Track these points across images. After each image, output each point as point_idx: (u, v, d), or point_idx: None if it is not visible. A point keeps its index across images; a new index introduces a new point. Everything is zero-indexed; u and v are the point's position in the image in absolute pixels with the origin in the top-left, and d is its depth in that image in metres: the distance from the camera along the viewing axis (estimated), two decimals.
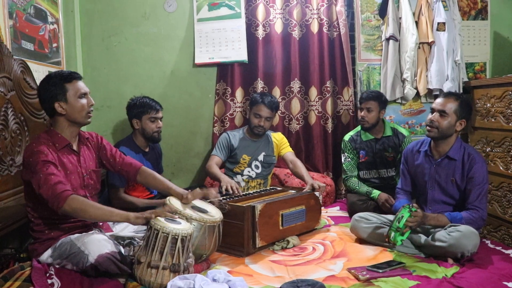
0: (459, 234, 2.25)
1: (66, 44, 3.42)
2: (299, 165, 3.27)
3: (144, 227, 2.21)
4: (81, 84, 2.17)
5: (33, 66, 2.75)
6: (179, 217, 2.08)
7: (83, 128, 2.33)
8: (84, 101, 2.16)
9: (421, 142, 2.74)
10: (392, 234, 2.32)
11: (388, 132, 3.36)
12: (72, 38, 3.60)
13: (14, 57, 2.42)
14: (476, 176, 2.46)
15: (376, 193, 3.16)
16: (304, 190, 2.95)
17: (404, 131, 3.41)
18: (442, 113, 2.51)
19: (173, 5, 3.77)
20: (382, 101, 3.33)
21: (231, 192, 2.85)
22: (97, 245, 1.97)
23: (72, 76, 2.15)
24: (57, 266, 2.01)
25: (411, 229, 2.35)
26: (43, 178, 1.95)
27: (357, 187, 3.28)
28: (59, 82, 2.11)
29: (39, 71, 2.85)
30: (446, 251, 2.26)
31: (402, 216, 2.30)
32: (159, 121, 3.12)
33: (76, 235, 2.10)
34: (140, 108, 3.07)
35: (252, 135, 3.41)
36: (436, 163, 2.59)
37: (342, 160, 3.43)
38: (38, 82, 2.21)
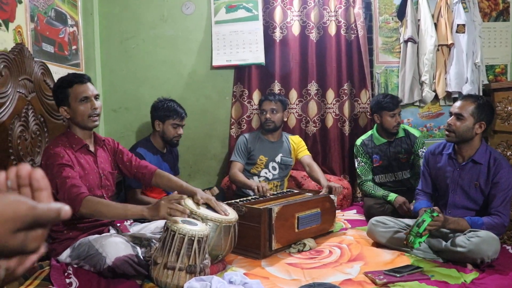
0: (479, 239, 2.21)
1: (85, 47, 3.47)
2: (316, 168, 3.26)
3: (161, 226, 2.23)
4: (82, 88, 2.14)
5: (53, 68, 2.79)
6: (194, 218, 2.09)
7: (101, 134, 2.35)
8: (85, 105, 2.14)
9: (443, 144, 2.67)
10: (411, 238, 2.29)
11: (401, 134, 3.36)
12: (91, 41, 3.64)
13: (35, 59, 2.46)
14: (502, 181, 2.40)
15: (392, 196, 3.13)
16: (321, 193, 2.93)
17: (415, 132, 3.40)
18: (459, 116, 2.46)
19: (190, 7, 3.79)
20: None
21: (262, 193, 2.87)
22: (114, 247, 1.99)
23: (73, 81, 2.14)
24: (75, 266, 2.03)
25: (430, 232, 2.32)
26: (60, 182, 1.98)
27: (372, 191, 3.25)
28: (61, 87, 2.14)
29: (59, 73, 2.89)
30: (465, 257, 2.22)
31: (424, 221, 2.26)
32: (181, 128, 3.14)
33: (95, 236, 2.12)
34: (166, 112, 3.09)
35: (268, 135, 3.42)
36: (460, 166, 2.53)
37: (356, 165, 3.42)
38: None
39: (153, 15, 3.81)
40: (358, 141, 3.44)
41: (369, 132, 3.45)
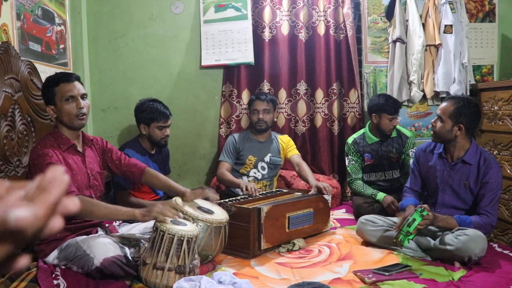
0: (467, 238, 2.23)
1: (73, 46, 3.43)
2: (305, 168, 3.27)
3: (151, 227, 2.22)
4: (68, 87, 2.11)
5: (40, 67, 2.76)
6: (185, 218, 2.09)
7: (90, 133, 2.32)
8: (70, 104, 2.11)
9: (434, 143, 2.69)
10: (401, 237, 2.30)
11: (393, 133, 3.37)
12: (79, 40, 3.61)
13: (21, 58, 2.43)
14: (491, 181, 2.42)
15: (381, 195, 3.15)
16: (310, 193, 2.94)
17: (407, 132, 3.42)
18: (439, 117, 2.50)
19: (179, 6, 3.78)
20: None
21: (250, 192, 2.88)
22: (102, 248, 1.97)
23: (60, 79, 2.12)
24: (63, 267, 2.02)
25: (419, 230, 2.34)
26: None
27: (362, 190, 3.27)
28: (48, 86, 2.12)
29: (46, 72, 2.86)
30: (453, 255, 2.24)
31: (414, 220, 2.27)
32: (167, 129, 3.10)
33: (82, 237, 2.10)
34: (150, 114, 3.04)
35: (257, 135, 3.42)
36: (450, 166, 2.54)
37: (346, 163, 3.43)
38: None
39: (142, 14, 3.78)
40: (350, 140, 3.44)
41: (361, 131, 3.46)
